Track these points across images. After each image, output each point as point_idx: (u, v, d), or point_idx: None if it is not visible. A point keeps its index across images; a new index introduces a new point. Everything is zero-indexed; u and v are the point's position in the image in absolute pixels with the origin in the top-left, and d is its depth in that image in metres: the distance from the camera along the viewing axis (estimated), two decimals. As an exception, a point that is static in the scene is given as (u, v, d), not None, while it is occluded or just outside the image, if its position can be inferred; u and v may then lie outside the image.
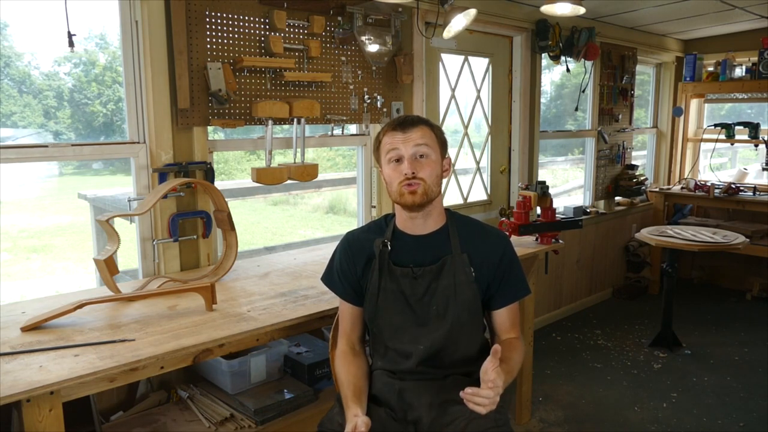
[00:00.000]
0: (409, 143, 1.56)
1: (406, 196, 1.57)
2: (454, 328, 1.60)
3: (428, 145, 1.57)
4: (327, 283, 1.76)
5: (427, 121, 1.63)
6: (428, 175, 1.56)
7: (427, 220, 1.65)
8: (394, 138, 1.57)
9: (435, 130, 1.62)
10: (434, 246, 1.64)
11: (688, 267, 5.37)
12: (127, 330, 1.68)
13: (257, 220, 8.78)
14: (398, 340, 1.63)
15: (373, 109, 2.90)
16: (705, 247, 3.63)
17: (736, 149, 7.30)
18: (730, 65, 4.87)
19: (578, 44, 3.98)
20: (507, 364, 1.54)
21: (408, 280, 1.61)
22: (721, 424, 2.95)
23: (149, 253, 2.33)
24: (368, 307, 1.66)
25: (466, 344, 1.62)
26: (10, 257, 6.56)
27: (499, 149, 3.90)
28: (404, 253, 1.65)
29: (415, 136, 1.56)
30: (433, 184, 1.58)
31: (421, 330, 1.61)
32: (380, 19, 2.81)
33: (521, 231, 2.72)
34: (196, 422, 2.00)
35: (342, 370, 1.65)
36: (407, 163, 1.55)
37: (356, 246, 1.70)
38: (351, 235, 1.75)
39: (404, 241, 1.66)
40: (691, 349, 3.86)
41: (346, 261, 1.70)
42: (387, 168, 1.60)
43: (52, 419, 1.39)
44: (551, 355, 3.77)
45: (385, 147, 1.60)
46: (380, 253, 1.64)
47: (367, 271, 1.66)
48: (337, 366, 1.68)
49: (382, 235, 1.67)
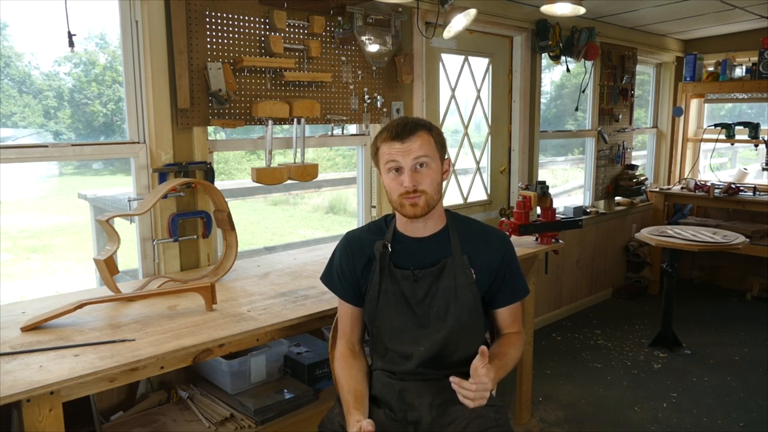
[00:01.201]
0: (409, 155, 1.53)
1: (407, 208, 1.56)
2: (455, 329, 1.60)
3: (427, 155, 1.55)
4: (326, 283, 1.76)
5: (425, 125, 1.59)
6: (429, 185, 1.55)
7: (428, 223, 1.65)
8: (392, 149, 1.54)
9: (433, 134, 1.59)
10: (434, 248, 1.64)
11: (688, 267, 5.37)
12: (127, 330, 1.68)
13: (257, 220, 8.78)
14: (399, 342, 1.63)
15: (373, 109, 2.90)
16: (705, 247, 3.63)
17: (736, 149, 7.30)
18: (730, 65, 4.87)
19: (578, 44, 3.98)
20: (501, 359, 1.56)
21: (409, 282, 1.61)
22: (721, 424, 2.95)
23: (149, 253, 2.33)
24: (368, 308, 1.66)
25: (467, 345, 1.62)
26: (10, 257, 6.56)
27: (499, 149, 3.90)
28: (405, 256, 1.65)
29: (414, 146, 1.53)
30: (434, 192, 1.57)
31: (421, 332, 1.61)
32: (380, 19, 2.81)
33: (521, 231, 2.72)
34: (196, 422, 2.00)
35: (342, 373, 1.64)
36: (408, 176, 1.53)
37: (356, 246, 1.70)
38: (351, 235, 1.74)
39: (405, 244, 1.66)
40: (691, 349, 3.86)
41: (346, 261, 1.70)
42: (386, 177, 1.59)
43: (52, 419, 1.39)
44: (551, 355, 3.77)
45: (383, 157, 1.57)
46: (381, 255, 1.63)
47: (367, 271, 1.66)
48: (336, 369, 1.68)
49: (383, 236, 1.67)
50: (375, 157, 1.63)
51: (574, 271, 4.57)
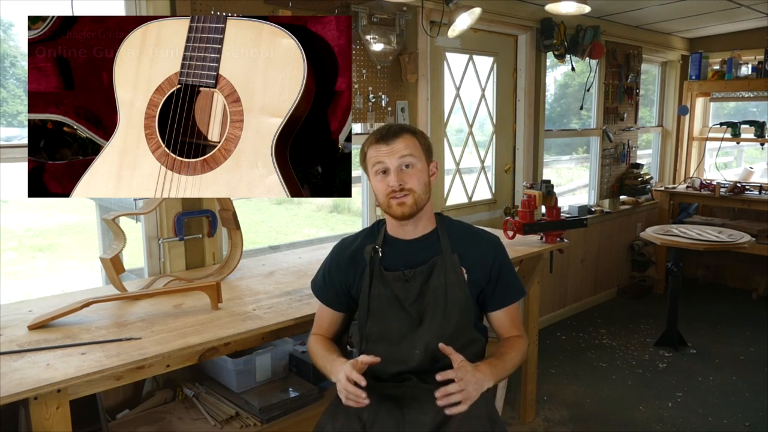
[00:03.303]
0: (394, 155, 1.56)
1: (395, 208, 1.58)
2: (447, 328, 1.59)
3: (413, 155, 1.58)
4: (313, 287, 1.78)
5: (410, 129, 1.63)
6: (416, 184, 1.57)
7: (417, 225, 1.66)
8: (379, 151, 1.58)
9: (419, 137, 1.62)
10: (425, 249, 1.65)
11: (693, 266, 5.35)
12: (133, 328, 1.69)
13: (262, 219, 8.80)
14: (395, 346, 1.61)
15: (377, 109, 2.91)
16: (710, 246, 3.61)
17: (742, 148, 7.27)
18: (735, 63, 4.85)
19: (583, 43, 3.97)
20: (499, 357, 1.57)
21: (400, 283, 1.62)
22: (726, 423, 2.95)
23: (155, 252, 2.33)
24: (361, 313, 1.66)
25: (461, 345, 1.61)
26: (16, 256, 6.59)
27: (503, 148, 3.90)
28: (395, 258, 1.65)
29: (399, 147, 1.56)
30: (422, 192, 1.59)
31: (416, 333, 1.60)
32: (385, 18, 2.81)
33: (526, 230, 2.72)
34: (202, 420, 2.01)
35: (317, 345, 1.68)
36: (393, 176, 1.56)
37: (347, 253, 1.71)
38: (343, 243, 1.76)
39: (395, 246, 1.67)
40: (697, 348, 3.85)
41: (335, 268, 1.72)
42: (374, 180, 1.62)
43: (60, 417, 1.40)
44: (556, 355, 3.77)
45: (370, 160, 1.61)
46: (371, 259, 1.64)
47: (359, 278, 1.67)
48: (311, 344, 1.71)
49: (374, 242, 1.68)
50: (363, 163, 1.66)
51: (578, 271, 4.56)
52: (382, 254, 1.66)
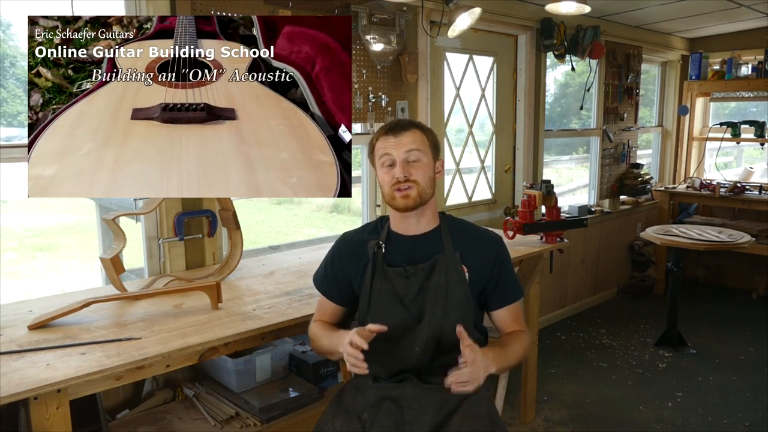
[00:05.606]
0: (401, 148, 1.58)
1: (399, 199, 1.59)
2: (447, 326, 1.59)
3: (420, 150, 1.59)
4: (315, 281, 1.78)
5: (419, 125, 1.65)
6: (421, 177, 1.58)
7: (420, 221, 1.66)
8: (387, 143, 1.59)
9: (427, 133, 1.63)
10: (427, 246, 1.65)
11: (693, 266, 5.35)
12: (133, 328, 1.69)
13: (262, 219, 8.80)
14: (395, 343, 1.62)
15: (377, 108, 2.90)
16: (710, 246, 3.61)
17: (742, 148, 7.27)
18: (735, 63, 4.85)
19: (583, 43, 3.97)
20: (503, 347, 1.58)
21: (401, 279, 1.62)
22: (726, 423, 2.95)
23: (155, 252, 2.33)
24: (362, 308, 1.66)
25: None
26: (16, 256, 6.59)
27: (503, 148, 3.90)
28: (397, 254, 1.65)
29: (406, 140, 1.58)
30: (427, 186, 1.60)
31: (416, 329, 1.60)
32: (385, 18, 2.81)
33: (526, 230, 2.72)
34: (202, 420, 2.01)
35: (319, 328, 1.69)
36: (399, 167, 1.57)
37: (350, 246, 1.71)
38: (346, 236, 1.76)
39: (398, 242, 1.67)
40: (697, 348, 3.85)
41: (338, 261, 1.72)
42: (381, 172, 1.63)
43: (60, 417, 1.40)
44: (556, 355, 3.77)
45: (378, 152, 1.62)
46: (374, 255, 1.65)
47: (362, 272, 1.67)
48: (313, 328, 1.71)
49: (377, 237, 1.68)
50: (371, 155, 1.67)
51: (578, 271, 4.56)
52: (384, 250, 1.66)
